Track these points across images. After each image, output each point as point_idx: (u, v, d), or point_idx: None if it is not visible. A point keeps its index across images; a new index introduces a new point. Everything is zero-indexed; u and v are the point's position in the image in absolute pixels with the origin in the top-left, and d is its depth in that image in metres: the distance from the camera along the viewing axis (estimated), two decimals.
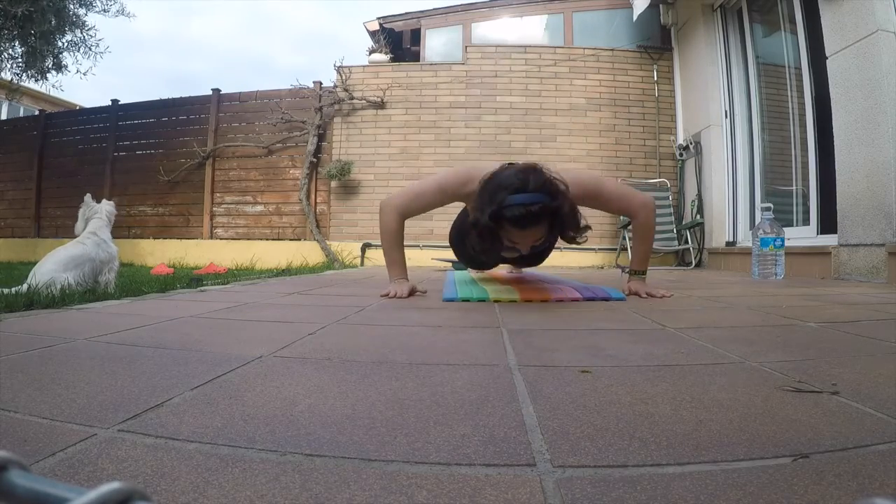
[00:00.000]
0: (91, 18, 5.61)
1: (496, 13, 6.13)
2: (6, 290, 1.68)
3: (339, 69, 5.49)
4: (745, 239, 4.24)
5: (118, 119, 6.27)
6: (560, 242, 1.74)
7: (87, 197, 2.39)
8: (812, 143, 3.44)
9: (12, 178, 6.72)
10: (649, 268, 2.02)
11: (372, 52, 5.90)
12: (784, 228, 2.85)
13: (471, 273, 2.86)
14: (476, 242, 1.61)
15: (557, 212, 1.52)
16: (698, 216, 4.60)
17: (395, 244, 1.88)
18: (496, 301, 1.66)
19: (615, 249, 4.97)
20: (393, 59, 5.87)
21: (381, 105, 5.41)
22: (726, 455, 0.45)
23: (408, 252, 1.96)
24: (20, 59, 5.32)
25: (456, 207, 2.00)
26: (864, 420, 0.54)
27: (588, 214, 1.69)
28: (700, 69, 4.72)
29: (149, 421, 0.53)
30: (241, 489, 0.39)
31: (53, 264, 2.07)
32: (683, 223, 4.83)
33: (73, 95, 10.53)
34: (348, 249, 5.23)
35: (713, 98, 4.53)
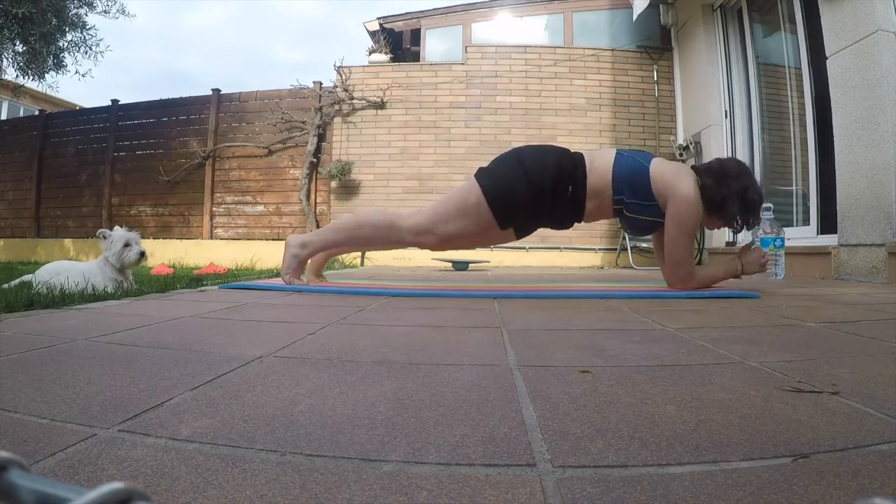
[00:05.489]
0: (91, 18, 5.60)
1: (496, 13, 6.14)
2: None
3: (339, 69, 5.49)
4: (745, 239, 4.24)
5: (118, 119, 6.27)
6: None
7: (101, 232, 2.48)
8: (812, 143, 3.44)
9: (12, 178, 6.72)
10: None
11: (372, 52, 5.90)
12: (784, 228, 2.84)
13: None
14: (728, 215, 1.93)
15: None
16: None
17: None
18: None
19: (615, 249, 4.97)
20: (393, 60, 5.87)
21: (381, 105, 5.41)
22: (726, 455, 0.45)
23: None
24: (21, 59, 5.32)
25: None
26: (864, 420, 0.54)
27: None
28: (700, 69, 4.72)
29: (149, 421, 0.53)
30: (241, 489, 0.39)
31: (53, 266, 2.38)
32: None
33: (65, 92, 10.45)
34: None
35: (713, 98, 4.53)
